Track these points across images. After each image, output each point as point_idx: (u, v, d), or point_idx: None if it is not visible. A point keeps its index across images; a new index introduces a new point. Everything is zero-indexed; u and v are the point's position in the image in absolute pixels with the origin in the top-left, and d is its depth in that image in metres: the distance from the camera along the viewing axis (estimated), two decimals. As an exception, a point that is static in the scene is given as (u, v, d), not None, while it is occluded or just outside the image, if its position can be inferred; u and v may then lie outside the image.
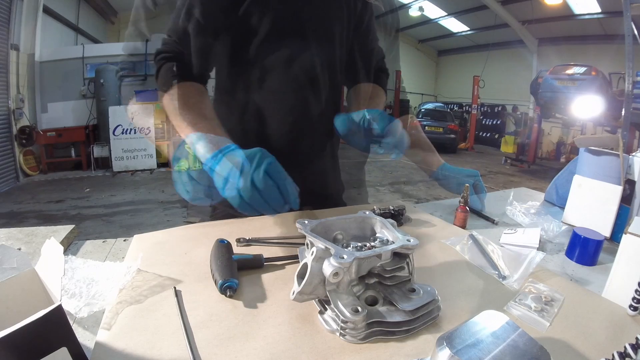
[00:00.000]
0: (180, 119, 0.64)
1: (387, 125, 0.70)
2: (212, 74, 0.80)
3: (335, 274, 0.41)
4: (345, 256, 0.41)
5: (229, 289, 0.48)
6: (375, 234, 0.52)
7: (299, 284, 0.43)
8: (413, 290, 0.45)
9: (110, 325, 0.42)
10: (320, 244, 0.43)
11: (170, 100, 0.71)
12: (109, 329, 0.42)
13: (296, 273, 0.45)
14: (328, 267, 0.41)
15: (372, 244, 0.48)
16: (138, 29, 0.72)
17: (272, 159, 0.55)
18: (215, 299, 0.48)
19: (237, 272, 0.52)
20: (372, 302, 0.46)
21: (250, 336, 0.42)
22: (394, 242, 0.47)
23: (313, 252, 0.42)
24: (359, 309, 0.41)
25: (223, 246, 0.56)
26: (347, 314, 0.41)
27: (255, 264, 0.56)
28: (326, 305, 0.45)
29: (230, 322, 0.44)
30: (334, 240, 0.50)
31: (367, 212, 0.54)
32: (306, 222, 0.48)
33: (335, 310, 0.42)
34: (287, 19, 0.74)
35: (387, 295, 0.45)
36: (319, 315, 0.45)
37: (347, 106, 0.89)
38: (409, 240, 0.45)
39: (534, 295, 0.52)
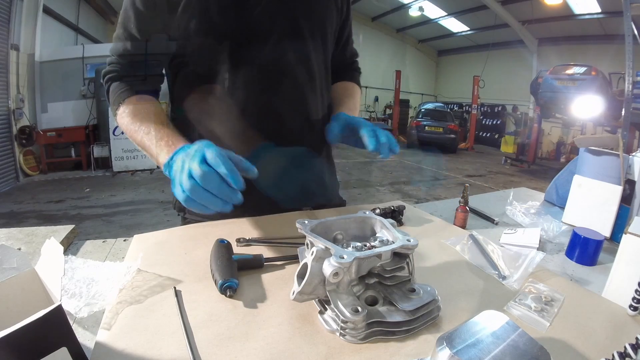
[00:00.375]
0: (140, 139, 0.66)
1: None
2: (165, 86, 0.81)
3: (335, 274, 0.41)
4: (345, 256, 0.41)
5: (229, 289, 0.48)
6: (375, 234, 0.52)
7: (299, 284, 0.43)
8: (413, 290, 0.45)
9: (110, 325, 0.42)
10: (320, 244, 0.43)
11: (123, 117, 0.72)
12: (109, 329, 0.42)
13: (296, 273, 0.45)
14: (328, 267, 0.41)
15: (372, 244, 0.48)
16: (127, 31, 0.72)
17: (212, 146, 0.50)
18: (215, 299, 0.48)
19: (237, 272, 0.52)
20: (372, 302, 0.46)
21: (250, 336, 0.42)
22: (394, 242, 0.47)
23: (313, 252, 0.42)
24: (359, 309, 0.41)
25: (223, 246, 0.56)
26: (347, 314, 0.41)
27: (255, 264, 0.56)
28: (326, 305, 0.45)
29: (230, 322, 0.44)
30: (334, 240, 0.50)
31: (367, 212, 0.54)
32: (306, 222, 0.48)
33: (335, 310, 0.42)
34: (287, 21, 0.74)
35: (387, 295, 0.45)
36: (319, 315, 0.45)
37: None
38: (409, 240, 0.45)
39: (534, 295, 0.52)
